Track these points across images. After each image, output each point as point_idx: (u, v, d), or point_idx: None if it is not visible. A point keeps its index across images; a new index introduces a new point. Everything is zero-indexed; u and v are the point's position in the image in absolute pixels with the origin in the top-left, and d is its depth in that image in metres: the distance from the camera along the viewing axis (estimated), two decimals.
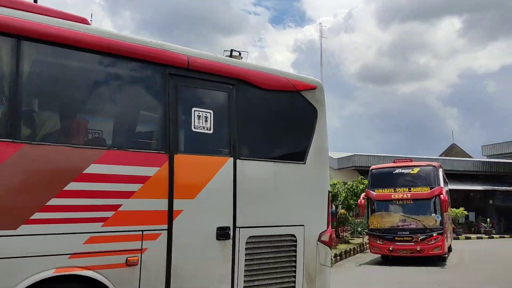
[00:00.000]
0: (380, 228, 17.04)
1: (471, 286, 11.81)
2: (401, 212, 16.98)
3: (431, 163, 18.30)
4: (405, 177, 17.42)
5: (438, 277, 13.17)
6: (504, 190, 39.65)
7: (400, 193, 17.00)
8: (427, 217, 16.55)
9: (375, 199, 17.52)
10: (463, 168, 38.88)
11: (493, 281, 12.59)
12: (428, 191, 16.68)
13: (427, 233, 16.13)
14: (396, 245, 16.44)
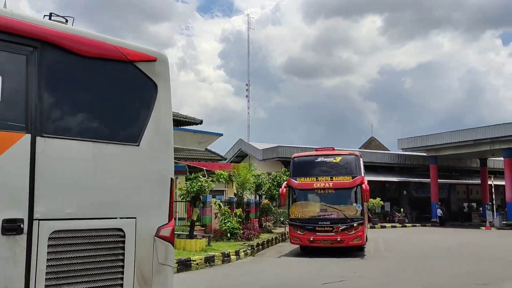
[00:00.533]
0: (301, 218, 16.41)
1: (390, 274, 12.35)
2: (323, 201, 16.41)
3: (353, 152, 17.93)
4: (327, 166, 16.94)
5: (356, 267, 13.66)
6: (417, 181, 42.06)
7: (322, 182, 16.44)
8: (349, 207, 16.20)
9: (297, 188, 16.85)
10: (380, 160, 40.74)
11: (411, 269, 13.26)
12: (350, 180, 16.25)
13: (348, 223, 15.72)
14: (317, 235, 15.88)
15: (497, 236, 26.02)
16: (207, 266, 13.03)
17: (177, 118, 21.26)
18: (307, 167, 17.21)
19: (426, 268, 13.06)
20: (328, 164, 16.98)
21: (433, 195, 38.78)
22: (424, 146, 38.09)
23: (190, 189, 15.44)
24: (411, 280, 11.20)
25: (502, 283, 10.58)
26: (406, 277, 11.63)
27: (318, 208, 16.42)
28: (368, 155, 40.03)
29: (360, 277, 11.49)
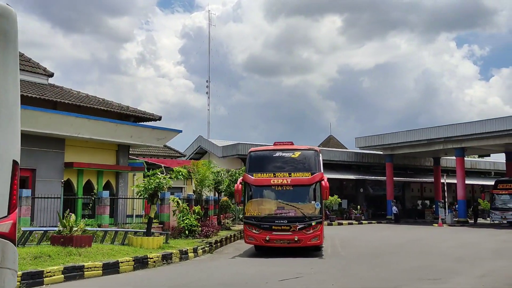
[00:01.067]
0: (257, 216, 15.52)
1: (345, 270, 12.59)
2: (280, 198, 15.62)
3: (312, 147, 17.02)
4: (285, 161, 16.16)
5: (312, 264, 13.85)
6: (374, 179, 42.98)
7: (279, 178, 15.63)
8: (307, 205, 15.43)
9: (253, 184, 15.90)
10: (338, 158, 41.39)
11: (367, 265, 13.55)
12: (309, 176, 15.58)
13: (306, 222, 15.03)
14: (273, 234, 15.07)
15: (448, 232, 26.93)
16: (165, 264, 12.93)
17: (135, 114, 20.93)
18: (264, 162, 16.36)
19: (380, 263, 13.39)
20: (286, 159, 16.20)
21: (388, 192, 39.70)
22: (381, 144, 38.93)
23: (147, 186, 15.23)
24: (366, 275, 11.46)
25: (449, 277, 10.96)
26: (361, 272, 11.88)
27: (275, 205, 15.65)
28: (326, 153, 40.57)
29: (316, 273, 11.66)
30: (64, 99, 20.02)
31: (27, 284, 9.37)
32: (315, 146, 16.70)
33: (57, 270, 10.17)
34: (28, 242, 12.94)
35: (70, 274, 10.28)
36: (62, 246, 12.04)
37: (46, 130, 17.73)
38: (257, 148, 17.75)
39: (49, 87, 22.08)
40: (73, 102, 20.05)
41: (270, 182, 15.71)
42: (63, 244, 12.11)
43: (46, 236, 13.38)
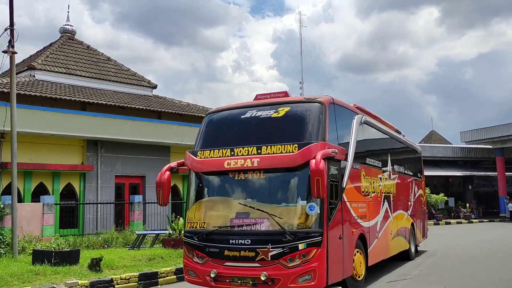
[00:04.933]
0: (200, 230, 8.25)
1: (459, 274, 11.97)
2: (241, 196, 8.20)
3: (318, 98, 8.62)
4: (260, 126, 8.59)
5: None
6: (483, 175, 40.38)
7: (239, 157, 8.09)
8: (290, 208, 7.82)
9: (195, 170, 8.70)
10: (442, 154, 39.46)
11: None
12: (295, 152, 7.69)
13: (287, 243, 7.50)
14: (226, 267, 7.87)
15: None
16: None
17: None
18: (226, 131, 9.01)
19: (495, 264, 12.53)
20: (262, 122, 8.57)
21: (500, 189, 37.09)
22: (490, 138, 36.49)
23: None
24: (480, 276, 10.78)
25: None
26: (475, 273, 11.20)
27: (232, 210, 8.19)
28: (428, 150, 38.92)
29: (425, 274, 11.21)
30: (167, 108, 21.16)
31: (144, 284, 10.07)
32: (324, 96, 8.72)
33: (170, 271, 10.79)
34: (142, 244, 13.82)
35: (182, 275, 10.82)
36: (173, 248, 12.74)
37: (153, 138, 18.88)
38: (220, 108, 9.66)
39: (153, 98, 23.43)
40: (176, 111, 21.13)
41: (223, 166, 8.16)
42: (173, 247, 12.82)
43: (158, 239, 14.22)
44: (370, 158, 10.71)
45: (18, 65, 20.93)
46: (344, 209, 8.49)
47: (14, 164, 12.34)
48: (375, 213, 10.64)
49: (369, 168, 10.53)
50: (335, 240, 7.97)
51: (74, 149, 17.87)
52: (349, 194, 8.94)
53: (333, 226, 7.92)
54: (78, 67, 22.24)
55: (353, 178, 9.18)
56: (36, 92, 17.79)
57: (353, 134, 9.56)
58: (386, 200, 11.70)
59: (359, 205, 9.55)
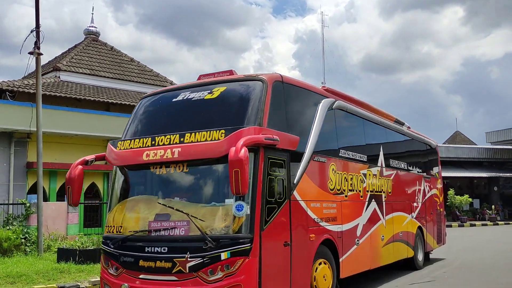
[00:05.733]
0: (117, 235, 6.93)
1: (483, 278, 11.73)
2: (163, 195, 6.92)
3: (261, 75, 7.14)
4: (192, 110, 7.27)
5: None
6: (509, 176, 39.55)
7: (159, 147, 6.74)
8: (214, 209, 6.42)
9: (114, 164, 7.42)
10: (467, 155, 38.77)
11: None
12: (221, 139, 6.28)
13: (208, 251, 6.10)
14: (140, 280, 6.52)
15: None
16: None
17: None
18: (153, 117, 7.78)
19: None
20: (193, 106, 7.26)
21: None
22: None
23: None
24: (505, 281, 10.54)
25: None
26: (500, 278, 10.96)
27: (152, 212, 6.83)
28: (453, 150, 38.30)
29: (449, 277, 11.02)
30: None
31: None
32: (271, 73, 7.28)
33: None
34: None
35: None
36: None
37: None
38: (156, 91, 8.58)
39: None
40: None
41: (142, 158, 6.81)
42: None
43: None
44: (346, 150, 9.07)
45: (44, 67, 21.31)
46: (294, 210, 6.96)
47: (40, 163, 12.57)
48: (354, 215, 9.06)
49: (345, 162, 8.90)
50: (276, 247, 6.47)
51: (98, 149, 17.84)
52: (306, 191, 7.34)
53: (273, 230, 6.39)
54: (102, 68, 22.55)
55: (313, 172, 7.68)
56: (61, 93, 18.09)
57: (316, 121, 8.01)
58: (375, 200, 10.04)
59: (325, 205, 7.98)
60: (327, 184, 8.17)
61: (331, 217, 8.14)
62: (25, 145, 16.12)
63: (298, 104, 7.81)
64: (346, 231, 8.61)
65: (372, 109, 11.10)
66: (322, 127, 8.13)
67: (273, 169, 6.57)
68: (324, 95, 8.70)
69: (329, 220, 8.05)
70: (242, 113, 6.71)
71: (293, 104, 7.60)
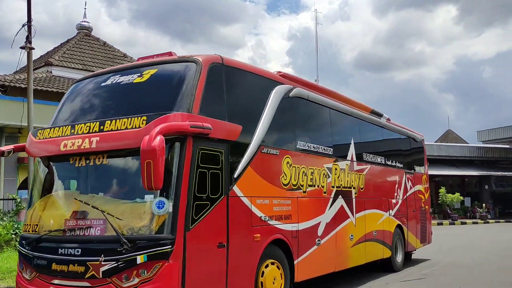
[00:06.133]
0: (32, 234, 6.20)
1: (474, 276, 11.81)
2: (83, 190, 6.22)
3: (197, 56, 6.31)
4: (120, 95, 6.62)
5: None
6: (500, 175, 39.83)
7: (79, 136, 5.93)
8: (134, 206, 5.57)
9: (32, 155, 6.91)
10: (458, 154, 38.98)
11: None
12: (142, 126, 5.45)
13: (122, 254, 5.29)
14: (54, 286, 5.69)
15: None
16: None
17: None
18: (80, 103, 6.98)
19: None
20: (122, 90, 6.58)
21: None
22: (507, 137, 36.04)
23: None
24: (496, 279, 10.62)
25: None
26: (490, 276, 11.05)
27: (70, 208, 6.04)
28: (445, 149, 38.51)
29: (440, 275, 11.08)
30: None
31: None
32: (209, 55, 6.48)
33: None
34: None
35: None
36: None
37: None
38: (88, 75, 7.84)
39: None
40: None
41: (59, 148, 6.07)
42: None
43: None
44: (306, 143, 8.25)
45: (36, 61, 21.16)
46: (234, 207, 6.22)
47: (31, 158, 12.49)
48: (315, 213, 8.30)
49: (304, 155, 8.09)
50: (207, 249, 5.74)
51: None
52: (250, 186, 6.61)
53: (203, 230, 5.64)
54: (94, 63, 22.42)
55: (261, 166, 6.89)
56: (53, 87, 17.99)
57: (267, 109, 7.23)
58: (342, 196, 9.24)
59: (276, 201, 7.20)
60: (280, 179, 7.34)
61: (284, 215, 7.36)
62: (16, 140, 16.01)
63: (243, 90, 7.01)
64: (304, 230, 7.83)
65: (342, 98, 10.17)
66: (275, 116, 7.34)
67: (205, 161, 5.78)
68: (279, 81, 7.77)
69: (281, 218, 7.27)
70: (171, 97, 6.00)
71: (237, 89, 6.80)
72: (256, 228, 6.66)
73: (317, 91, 9.10)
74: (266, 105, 7.26)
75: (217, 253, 5.90)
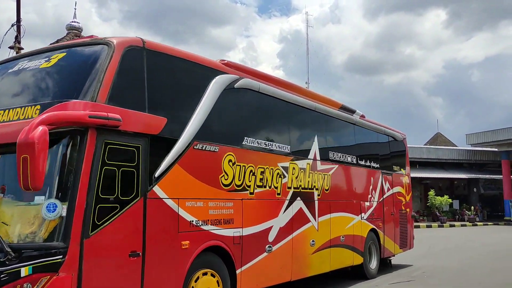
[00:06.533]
0: None
1: (463, 278, 11.86)
2: None
3: (111, 38, 5.62)
4: (24, 81, 5.84)
5: None
6: (488, 178, 40.16)
7: None
8: (25, 209, 4.84)
9: None
10: (447, 157, 39.29)
11: None
12: (35, 117, 4.66)
13: (8, 265, 4.45)
14: None
15: None
16: None
17: None
18: None
19: (501, 268, 12.42)
20: (27, 76, 5.84)
21: (506, 192, 36.88)
22: (495, 141, 36.31)
23: None
24: (485, 280, 10.69)
25: None
26: (480, 277, 11.11)
27: None
28: (434, 152, 38.80)
29: (429, 277, 11.12)
30: None
31: None
32: (127, 37, 5.84)
33: None
34: None
35: None
36: None
37: None
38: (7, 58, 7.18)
39: None
40: None
41: None
42: None
43: None
44: (256, 139, 7.40)
45: None
46: (154, 210, 5.44)
47: None
48: (265, 216, 7.45)
49: (251, 152, 7.23)
50: (113, 260, 4.98)
51: None
52: (178, 187, 5.82)
53: (109, 236, 4.90)
54: None
55: (193, 164, 6.07)
56: None
57: (204, 101, 6.42)
58: (302, 198, 8.41)
59: (213, 204, 6.36)
60: (219, 178, 6.51)
61: (224, 219, 6.55)
62: None
63: (172, 78, 6.15)
64: (250, 236, 7.00)
65: (304, 92, 9.34)
66: (215, 109, 6.54)
67: (114, 158, 5.01)
68: (222, 70, 6.99)
69: (220, 222, 6.44)
70: (75, 84, 5.29)
71: (163, 77, 5.98)
72: (184, 234, 5.79)
73: (272, 83, 8.16)
74: (203, 96, 6.45)
75: (128, 264, 5.07)
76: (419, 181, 37.88)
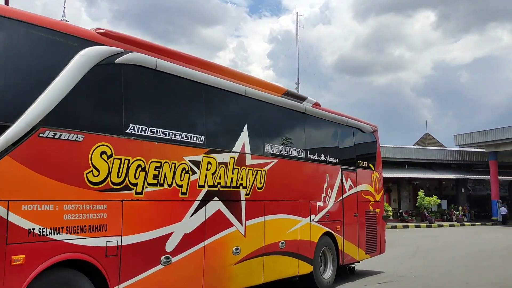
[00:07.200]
0: None
1: (451, 278, 11.95)
2: None
3: None
4: None
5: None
6: (476, 178, 40.50)
7: None
8: None
9: None
10: (436, 157, 39.57)
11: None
12: None
13: None
14: None
15: None
16: None
17: None
18: None
19: (488, 268, 12.52)
20: None
21: (493, 192, 37.25)
22: (483, 141, 36.66)
23: None
24: (472, 280, 10.77)
25: None
26: (467, 277, 11.20)
27: None
28: (422, 152, 39.06)
29: (418, 276, 11.19)
30: None
31: None
32: None
33: None
34: None
35: None
36: None
37: None
38: None
39: None
40: None
41: None
42: None
43: None
44: (149, 126, 5.99)
45: None
46: None
47: None
48: (163, 221, 6.15)
49: (141, 143, 5.87)
50: None
51: None
52: (11, 186, 4.54)
53: None
54: None
55: (38, 156, 4.77)
56: None
57: (60, 78, 5.04)
58: (220, 198, 7.08)
59: (70, 207, 5.01)
60: (84, 175, 5.20)
61: (91, 225, 5.22)
62: None
63: (12, 47, 4.81)
64: (135, 245, 5.68)
65: (230, 74, 7.85)
66: (80, 88, 5.21)
67: None
68: (95, 41, 5.56)
69: (82, 230, 5.12)
70: None
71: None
72: (16, 247, 4.49)
73: (183, 61, 6.82)
74: (60, 72, 5.07)
75: None
76: (408, 182, 38.12)
